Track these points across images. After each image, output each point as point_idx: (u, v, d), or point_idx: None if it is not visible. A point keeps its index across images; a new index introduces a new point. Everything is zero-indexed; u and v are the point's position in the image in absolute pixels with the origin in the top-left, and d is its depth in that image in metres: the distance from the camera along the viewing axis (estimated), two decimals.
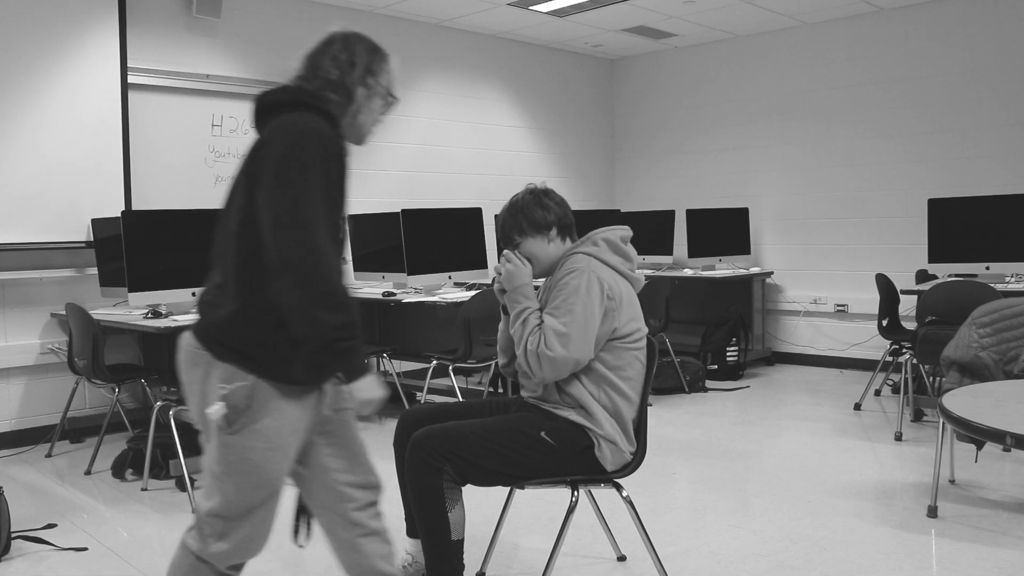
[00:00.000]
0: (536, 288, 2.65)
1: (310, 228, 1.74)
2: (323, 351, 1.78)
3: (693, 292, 7.10)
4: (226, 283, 1.87)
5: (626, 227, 2.69)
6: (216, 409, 1.83)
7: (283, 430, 1.88)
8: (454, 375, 5.02)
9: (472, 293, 5.04)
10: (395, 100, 2.06)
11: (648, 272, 6.94)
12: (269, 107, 1.92)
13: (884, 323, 5.46)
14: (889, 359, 5.44)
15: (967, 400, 2.32)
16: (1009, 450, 4.23)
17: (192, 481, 3.93)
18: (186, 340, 1.92)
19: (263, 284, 1.79)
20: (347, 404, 2.01)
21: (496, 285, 2.68)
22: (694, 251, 6.79)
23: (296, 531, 2.16)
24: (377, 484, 2.08)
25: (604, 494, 3.13)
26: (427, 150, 6.92)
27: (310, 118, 1.85)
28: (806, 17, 6.85)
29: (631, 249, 2.66)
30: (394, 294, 5.37)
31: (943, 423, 3.39)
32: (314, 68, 1.96)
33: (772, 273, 7.29)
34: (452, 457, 2.43)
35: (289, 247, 1.73)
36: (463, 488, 2.50)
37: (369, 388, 1.84)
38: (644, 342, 2.64)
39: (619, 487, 2.61)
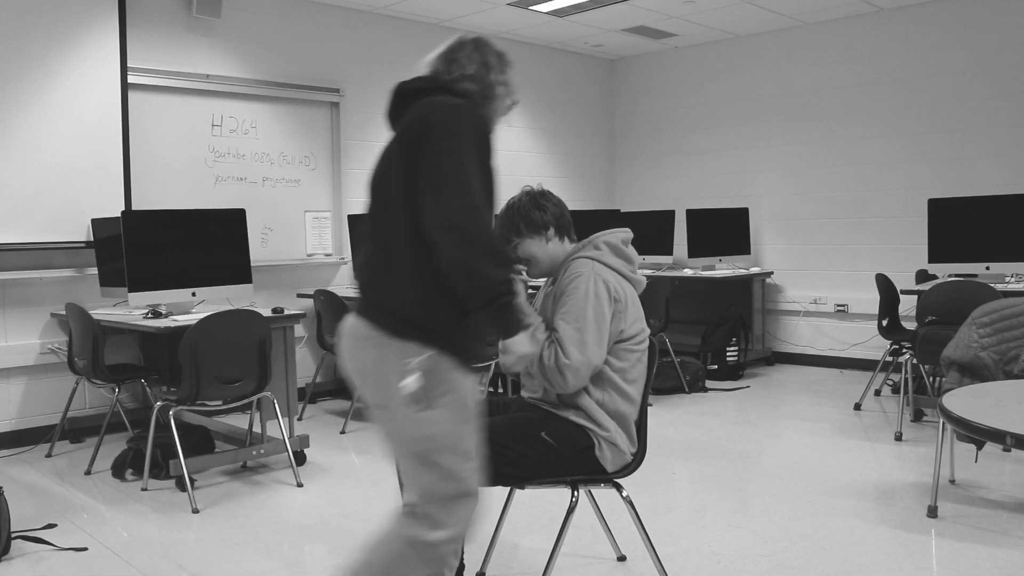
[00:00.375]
0: (531, 292, 2.65)
1: (470, 189, 1.81)
2: (487, 306, 1.81)
3: (693, 292, 7.10)
4: (390, 262, 1.89)
5: (627, 230, 2.69)
6: (410, 382, 1.83)
7: (468, 401, 1.91)
8: None
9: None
10: (517, 103, 2.16)
11: (648, 272, 6.93)
12: (409, 94, 2.00)
13: (884, 323, 5.46)
14: (889, 359, 5.44)
15: (967, 400, 2.31)
16: (1009, 450, 4.23)
17: (192, 481, 3.93)
18: (352, 325, 1.92)
19: (430, 258, 1.82)
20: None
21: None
22: (694, 251, 6.79)
23: None
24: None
25: (604, 494, 3.13)
26: None
27: (449, 99, 1.95)
28: (806, 17, 6.85)
29: (632, 251, 2.67)
30: None
31: (943, 423, 3.39)
32: (449, 64, 2.06)
33: (772, 273, 7.29)
34: None
35: (453, 206, 1.79)
36: None
37: (524, 343, 1.91)
38: (647, 343, 2.64)
39: (619, 487, 2.61)
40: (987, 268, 5.25)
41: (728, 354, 6.58)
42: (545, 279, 2.71)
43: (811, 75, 7.07)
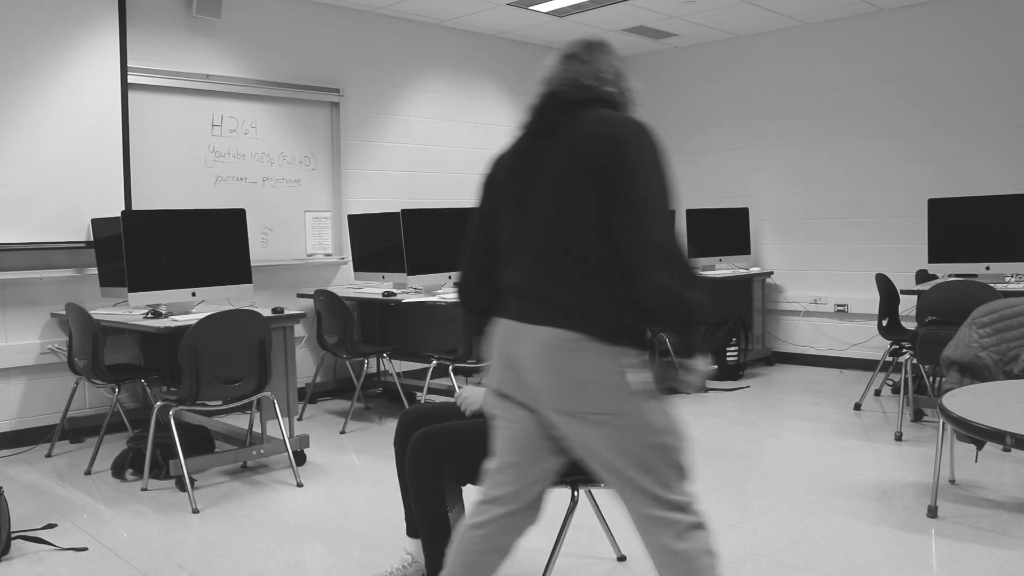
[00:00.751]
0: None
1: (668, 212, 1.85)
2: (685, 327, 1.87)
3: None
4: (590, 272, 1.89)
5: None
6: (639, 378, 1.90)
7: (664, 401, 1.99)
8: (454, 375, 5.02)
9: None
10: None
11: None
12: (567, 104, 1.99)
13: (884, 323, 5.47)
14: (889, 359, 5.44)
15: (967, 400, 2.31)
16: (1009, 450, 4.23)
17: (192, 481, 3.93)
18: (555, 335, 1.89)
19: (622, 270, 1.86)
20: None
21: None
22: (694, 251, 6.79)
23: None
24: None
25: (604, 494, 3.13)
26: (427, 150, 6.92)
27: (624, 115, 1.95)
28: (806, 17, 6.85)
29: None
30: (394, 294, 5.37)
31: (943, 423, 3.39)
32: (588, 69, 2.03)
33: (772, 273, 7.29)
34: (452, 458, 2.43)
35: (654, 230, 1.82)
36: (463, 488, 2.50)
37: (705, 364, 1.98)
38: None
39: None
40: (987, 268, 5.25)
41: (728, 354, 6.58)
42: None
43: (811, 75, 7.07)
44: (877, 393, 5.93)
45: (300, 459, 4.36)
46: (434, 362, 5.11)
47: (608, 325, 1.88)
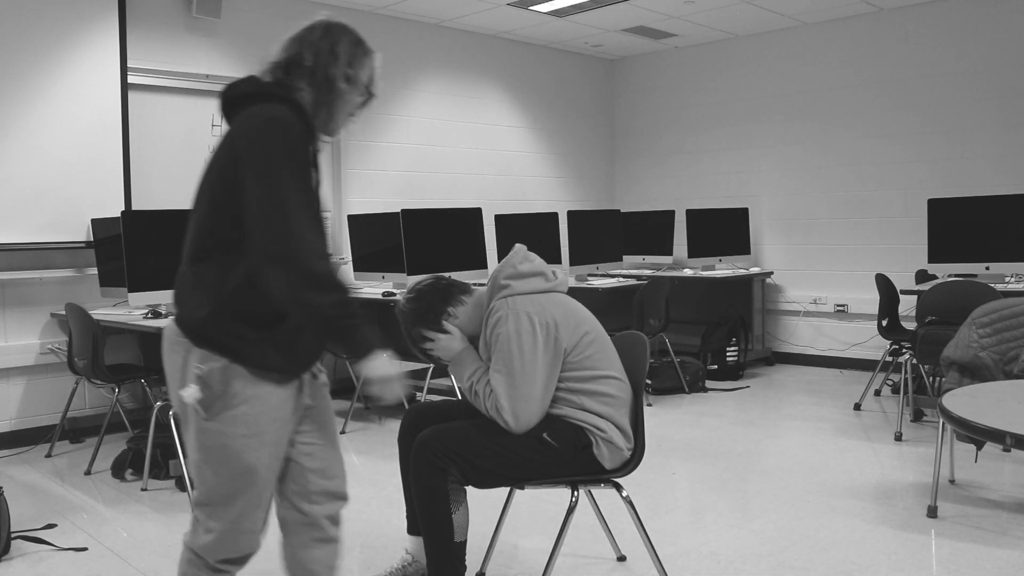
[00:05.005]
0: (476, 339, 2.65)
1: (286, 215, 1.74)
2: (329, 331, 1.81)
3: (693, 292, 7.10)
4: (197, 273, 1.88)
5: (516, 248, 2.66)
6: (191, 391, 1.82)
7: (261, 418, 1.86)
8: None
9: (482, 286, 5.03)
10: (373, 96, 2.02)
11: (648, 272, 6.94)
12: (236, 99, 1.90)
13: (884, 323, 5.46)
14: (889, 359, 5.44)
15: (967, 400, 2.32)
16: (1009, 450, 4.23)
17: (192, 481, 3.93)
18: (168, 328, 1.93)
19: (232, 271, 1.81)
20: (324, 400, 2.04)
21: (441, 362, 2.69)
22: (694, 251, 6.79)
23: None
24: (345, 496, 2.09)
25: (604, 494, 3.13)
26: (427, 150, 6.91)
27: (275, 108, 1.84)
28: (806, 17, 6.85)
29: (535, 262, 2.61)
30: (394, 294, 5.37)
31: (943, 423, 3.39)
32: (293, 55, 1.93)
33: (772, 273, 7.29)
34: (457, 459, 2.43)
35: (268, 237, 1.74)
36: (467, 489, 2.50)
37: (382, 366, 1.83)
38: (594, 334, 2.59)
39: (619, 487, 2.61)
40: (987, 268, 5.25)
41: (728, 354, 6.58)
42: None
43: (811, 75, 7.07)
44: (877, 393, 5.93)
45: None
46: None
47: (193, 330, 1.85)
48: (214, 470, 1.88)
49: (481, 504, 3.35)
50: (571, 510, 2.57)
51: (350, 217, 6.03)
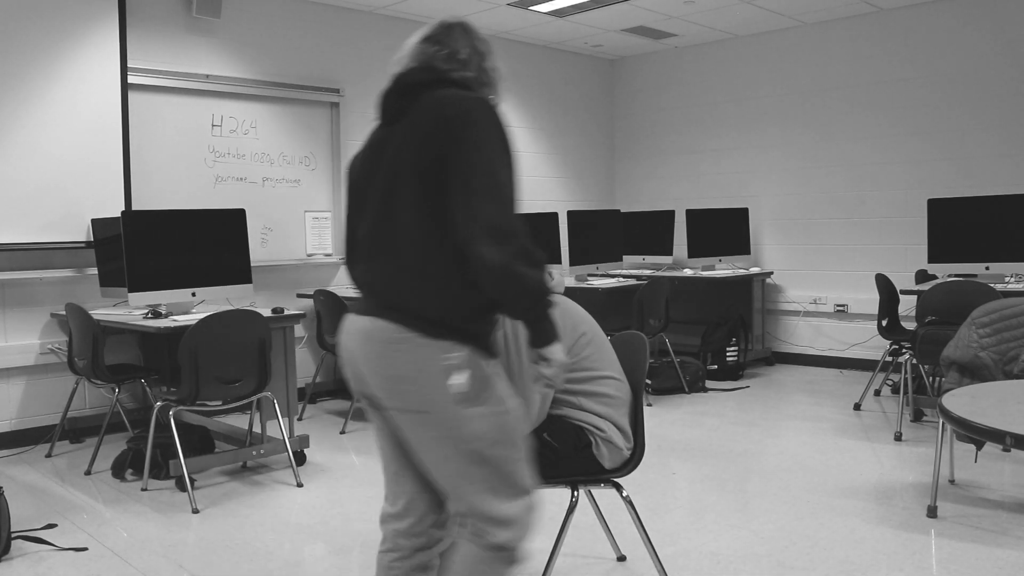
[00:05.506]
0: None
1: (505, 192, 1.76)
2: (530, 310, 1.79)
3: (693, 292, 7.10)
4: (411, 264, 1.81)
5: None
6: (460, 382, 1.79)
7: (506, 394, 1.88)
8: None
9: None
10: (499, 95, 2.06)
11: (648, 272, 6.94)
12: (411, 87, 1.89)
13: (884, 323, 5.46)
14: (889, 359, 5.44)
15: (967, 400, 2.32)
16: (1009, 450, 4.23)
17: (192, 481, 3.93)
18: (375, 327, 1.83)
19: (457, 258, 1.77)
20: None
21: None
22: (694, 251, 6.79)
23: None
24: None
25: (604, 494, 3.13)
26: None
27: (469, 93, 1.86)
28: (806, 17, 6.85)
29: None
30: None
31: (943, 423, 3.39)
32: (451, 50, 1.94)
33: (772, 273, 7.29)
34: None
35: (489, 211, 1.73)
36: None
37: (560, 352, 1.87)
38: (592, 335, 2.58)
39: (619, 487, 2.61)
40: (987, 268, 5.25)
41: (728, 354, 6.58)
42: None
43: (811, 75, 7.07)
44: (877, 393, 5.93)
45: (300, 459, 4.36)
46: None
47: (429, 318, 1.79)
48: (500, 450, 1.83)
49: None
50: (571, 510, 2.57)
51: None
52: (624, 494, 2.63)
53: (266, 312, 4.25)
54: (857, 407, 5.49)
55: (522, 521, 1.87)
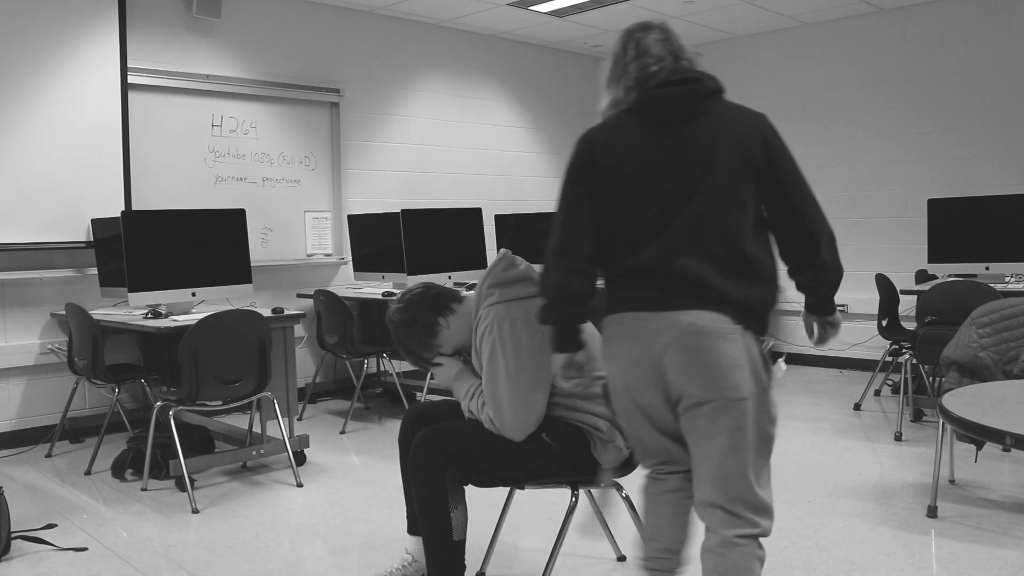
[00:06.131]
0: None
1: (816, 200, 2.10)
2: (834, 291, 2.15)
3: None
4: (749, 258, 1.99)
5: (501, 253, 2.63)
6: (783, 366, 2.07)
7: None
8: None
9: (471, 293, 5.04)
10: None
11: None
12: (711, 94, 2.09)
13: (884, 323, 5.46)
14: (889, 359, 5.44)
15: (967, 400, 2.31)
16: (1009, 450, 4.23)
17: (192, 481, 3.93)
18: (708, 317, 1.93)
19: (772, 254, 2.06)
20: None
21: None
22: None
23: None
24: None
25: (604, 494, 3.12)
26: (427, 150, 6.91)
27: (753, 111, 2.12)
28: (806, 17, 6.85)
29: (521, 267, 2.58)
30: (394, 294, 5.37)
31: (943, 423, 3.39)
32: (687, 56, 2.20)
33: None
34: (455, 458, 2.43)
35: (821, 215, 2.09)
36: (466, 488, 2.50)
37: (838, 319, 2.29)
38: (589, 335, 2.57)
39: (619, 487, 2.61)
40: (987, 268, 5.25)
41: None
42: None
43: (811, 75, 7.07)
44: (877, 393, 5.93)
45: (300, 459, 4.36)
46: None
47: (753, 308, 1.98)
48: (775, 434, 2.03)
49: (481, 504, 3.34)
50: (571, 510, 2.57)
51: (350, 217, 6.03)
52: (624, 494, 2.62)
53: (266, 312, 4.25)
54: (857, 407, 5.49)
55: (773, 511, 2.01)
